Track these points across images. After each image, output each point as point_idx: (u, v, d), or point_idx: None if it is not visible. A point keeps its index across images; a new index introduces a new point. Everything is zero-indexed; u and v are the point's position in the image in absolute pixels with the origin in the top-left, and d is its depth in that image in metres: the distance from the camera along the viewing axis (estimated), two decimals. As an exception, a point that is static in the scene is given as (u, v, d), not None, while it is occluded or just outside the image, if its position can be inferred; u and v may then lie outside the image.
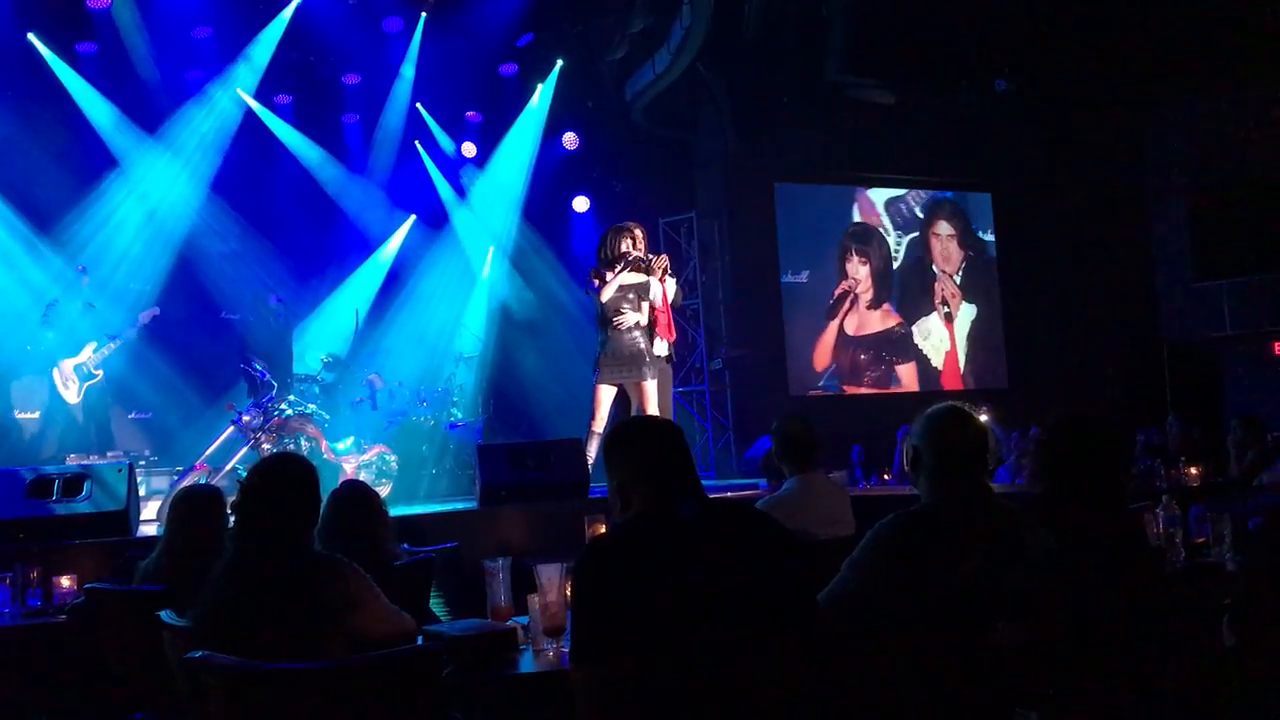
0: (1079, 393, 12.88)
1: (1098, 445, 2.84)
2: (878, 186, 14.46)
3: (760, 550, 2.36)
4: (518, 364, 12.31)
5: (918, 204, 14.74)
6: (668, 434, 2.56)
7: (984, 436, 2.81)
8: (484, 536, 5.90)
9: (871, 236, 14.31)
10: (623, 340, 7.17)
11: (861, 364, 14.03)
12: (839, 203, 14.29)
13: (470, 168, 12.61)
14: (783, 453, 4.60)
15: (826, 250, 14.08)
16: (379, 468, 8.79)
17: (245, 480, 3.03)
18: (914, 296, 14.52)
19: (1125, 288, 14.56)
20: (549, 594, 2.89)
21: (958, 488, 2.73)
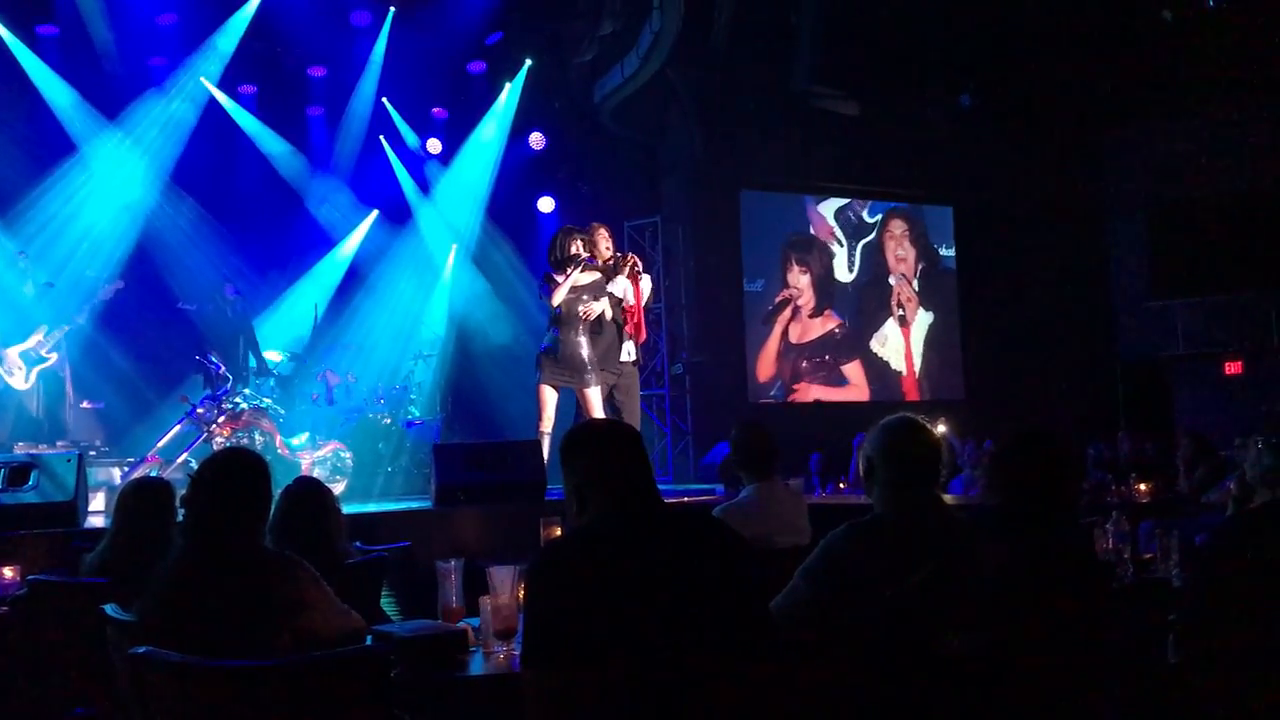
0: (1034, 406, 13.03)
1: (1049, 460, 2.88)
2: (840, 196, 14.56)
3: (715, 557, 2.35)
4: (478, 363, 12.26)
5: (864, 208, 14.82)
6: (626, 438, 2.55)
7: (938, 448, 2.83)
8: (438, 537, 5.86)
9: (812, 245, 14.39)
10: (567, 343, 7.14)
11: (804, 371, 14.12)
12: (792, 211, 14.38)
13: (435, 164, 12.55)
14: (740, 460, 4.60)
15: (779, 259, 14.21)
16: (334, 464, 8.71)
17: (196, 473, 2.99)
18: (871, 305, 14.61)
19: (1081, 304, 14.75)
20: (501, 596, 2.87)
21: (910, 498, 2.75)
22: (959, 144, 14.05)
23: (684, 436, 12.80)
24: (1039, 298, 14.38)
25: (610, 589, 2.22)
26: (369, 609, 3.68)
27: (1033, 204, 14.36)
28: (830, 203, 14.60)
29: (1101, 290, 15.15)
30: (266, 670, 2.48)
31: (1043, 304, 14.38)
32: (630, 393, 7.73)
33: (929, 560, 2.60)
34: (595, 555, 2.29)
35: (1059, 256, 14.51)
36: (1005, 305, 14.51)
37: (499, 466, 6.41)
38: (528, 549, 3.80)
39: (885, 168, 14.27)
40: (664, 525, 2.39)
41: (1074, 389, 14.08)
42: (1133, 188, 14.91)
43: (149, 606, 2.79)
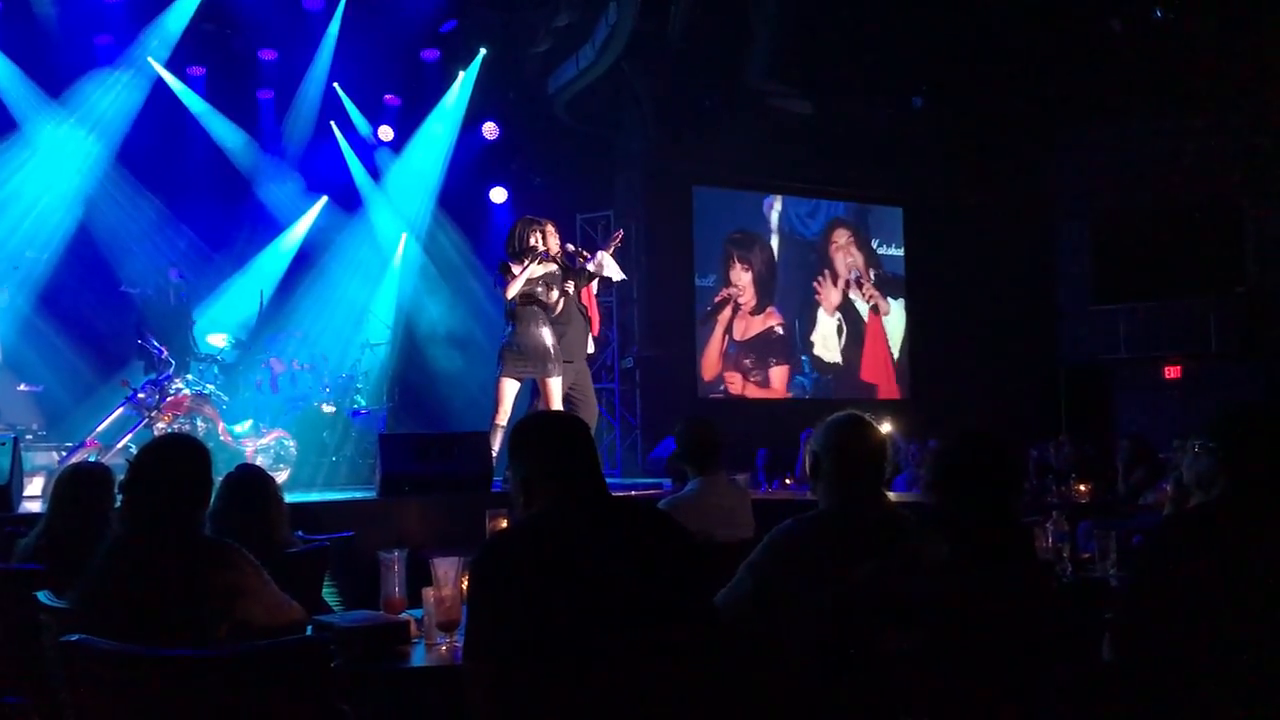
0: (978, 407, 13.19)
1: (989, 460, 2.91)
2: (793, 195, 14.64)
3: (659, 551, 2.35)
4: (426, 354, 12.19)
5: (806, 211, 14.91)
6: (574, 431, 2.54)
7: (883, 446, 2.86)
8: (382, 527, 5.82)
9: (754, 242, 14.46)
10: (530, 334, 7.11)
11: (747, 367, 14.20)
12: (737, 207, 14.43)
13: (386, 152, 12.44)
14: (686, 454, 4.62)
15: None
16: (277, 452, 8.63)
17: (135, 459, 2.94)
18: (801, 301, 14.70)
19: (1026, 308, 14.95)
20: (444, 587, 2.85)
21: (854, 495, 2.77)
22: (910, 145, 14.17)
23: (633, 430, 12.81)
24: (985, 300, 14.56)
25: (554, 582, 2.22)
26: (310, 599, 3.64)
27: (981, 207, 14.53)
28: (773, 198, 14.67)
29: (1046, 294, 15.37)
30: (203, 660, 2.44)
31: (988, 306, 14.55)
32: (588, 388, 7.74)
33: (871, 557, 2.62)
34: (540, 548, 2.28)
35: (1005, 260, 14.69)
36: (952, 306, 14.67)
37: (445, 458, 6.39)
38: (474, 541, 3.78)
39: (837, 167, 14.37)
40: (609, 518, 2.39)
41: (1017, 391, 14.27)
42: (1078, 194, 15.14)
43: (84, 594, 2.74)
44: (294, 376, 9.96)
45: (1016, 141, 14.50)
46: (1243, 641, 2.40)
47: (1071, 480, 7.78)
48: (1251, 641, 2.40)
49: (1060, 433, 10.78)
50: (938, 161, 14.34)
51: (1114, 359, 14.82)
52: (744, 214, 14.40)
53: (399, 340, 11.97)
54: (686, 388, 13.43)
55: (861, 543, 2.68)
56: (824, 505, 2.83)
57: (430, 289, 12.46)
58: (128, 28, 10.74)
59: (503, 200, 12.97)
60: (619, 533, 2.35)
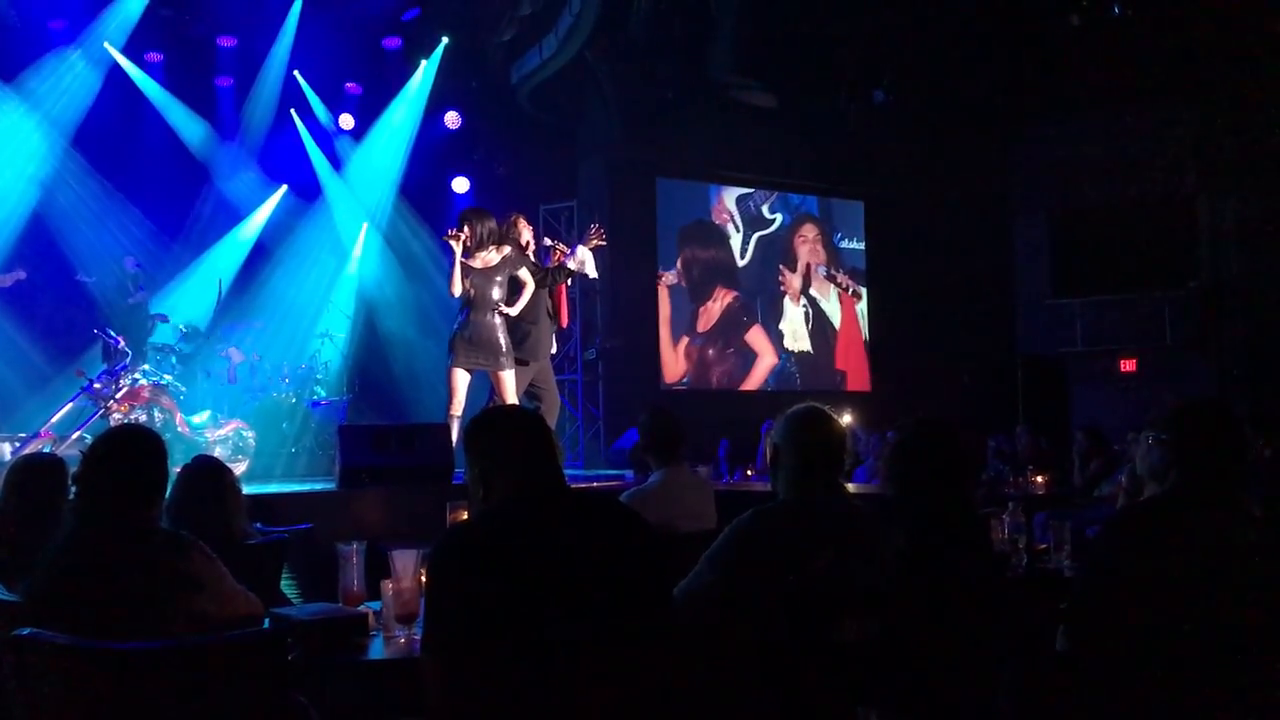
0: (937, 399, 13.28)
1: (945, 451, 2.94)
2: (755, 187, 14.68)
3: (619, 543, 2.36)
4: (387, 344, 12.12)
5: (765, 202, 14.96)
6: (530, 423, 2.54)
7: (842, 438, 2.87)
8: (341, 519, 5.80)
9: (706, 232, 14.46)
10: (482, 325, 7.08)
11: (710, 359, 14.24)
12: (695, 198, 14.45)
13: (347, 140, 12.34)
14: (648, 445, 4.62)
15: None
16: (235, 443, 8.56)
17: (89, 450, 2.90)
18: (761, 293, 14.75)
19: (985, 301, 15.07)
20: (403, 580, 2.84)
21: (813, 486, 2.79)
22: (872, 139, 14.24)
23: (596, 422, 12.80)
24: (944, 293, 14.65)
25: (512, 574, 2.21)
26: (268, 591, 3.62)
27: (941, 201, 14.62)
28: (732, 190, 14.71)
29: (1004, 288, 15.51)
30: (158, 652, 2.42)
31: (948, 299, 14.65)
32: (550, 381, 7.72)
33: (830, 547, 2.64)
34: (497, 540, 2.28)
35: (964, 254, 14.80)
36: (912, 299, 14.77)
37: (405, 449, 6.36)
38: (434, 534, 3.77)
39: (800, 160, 14.42)
40: (567, 510, 2.39)
41: (976, 383, 14.39)
42: (1035, 189, 15.28)
43: (35, 587, 2.70)
44: (253, 367, 9.88)
45: (975, 136, 14.60)
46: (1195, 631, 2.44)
47: (1028, 472, 7.86)
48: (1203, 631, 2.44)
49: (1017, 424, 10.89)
50: (898, 155, 14.40)
51: (1071, 352, 14.99)
52: (694, 204, 14.40)
53: (359, 331, 11.90)
54: (649, 378, 13.44)
55: (820, 533, 2.69)
56: (783, 496, 2.85)
57: (391, 279, 12.38)
58: (83, 12, 10.57)
59: (465, 190, 12.91)
60: (577, 525, 2.35)
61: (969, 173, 14.77)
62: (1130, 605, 2.49)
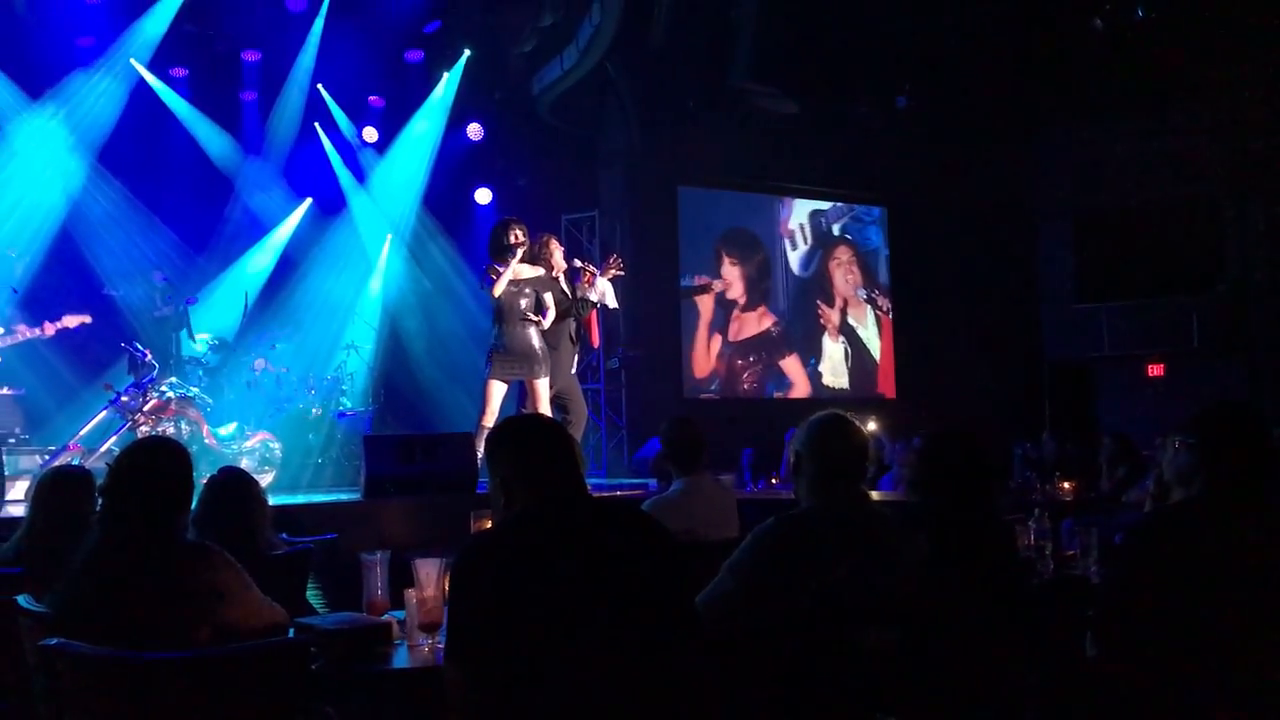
0: (962, 406, 13.20)
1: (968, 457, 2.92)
2: (776, 194, 14.65)
3: (640, 551, 2.36)
4: (411, 355, 12.16)
5: (838, 221, 14.99)
6: (552, 432, 2.55)
7: (864, 445, 2.86)
8: (366, 529, 5.82)
9: (747, 241, 14.45)
10: (516, 336, 7.14)
11: (740, 369, 14.21)
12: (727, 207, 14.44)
13: (370, 153, 12.41)
14: (670, 454, 4.62)
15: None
16: (262, 455, 8.62)
17: (115, 462, 2.92)
18: (804, 321, 14.73)
19: (1010, 306, 14.97)
20: (426, 589, 2.85)
21: (836, 493, 2.78)
22: (894, 145, 14.19)
23: (619, 431, 12.79)
24: (969, 298, 14.58)
25: (534, 583, 2.22)
26: (293, 601, 3.63)
27: (964, 206, 14.54)
28: (805, 203, 14.71)
29: (1029, 293, 15.40)
30: (183, 662, 2.44)
31: (972, 305, 14.58)
32: (576, 391, 7.78)
33: (852, 555, 2.63)
34: (520, 549, 2.28)
35: (989, 258, 14.72)
36: (936, 305, 14.70)
37: (430, 459, 6.41)
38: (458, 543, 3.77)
39: (821, 167, 14.38)
40: (588, 518, 2.40)
41: (1002, 389, 14.30)
42: (1060, 193, 15.16)
43: (63, 597, 2.72)
44: (279, 379, 9.93)
45: (999, 141, 14.53)
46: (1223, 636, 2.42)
47: (1055, 478, 7.80)
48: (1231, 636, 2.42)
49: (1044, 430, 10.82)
50: (921, 161, 14.35)
51: (1097, 357, 14.87)
52: (727, 213, 14.39)
53: (384, 342, 11.95)
54: (672, 388, 13.42)
55: (842, 541, 2.68)
56: (805, 504, 2.84)
57: (415, 290, 12.43)
58: (109, 28, 10.68)
59: (487, 201, 12.95)
60: (599, 533, 2.35)
61: (992, 177, 14.69)
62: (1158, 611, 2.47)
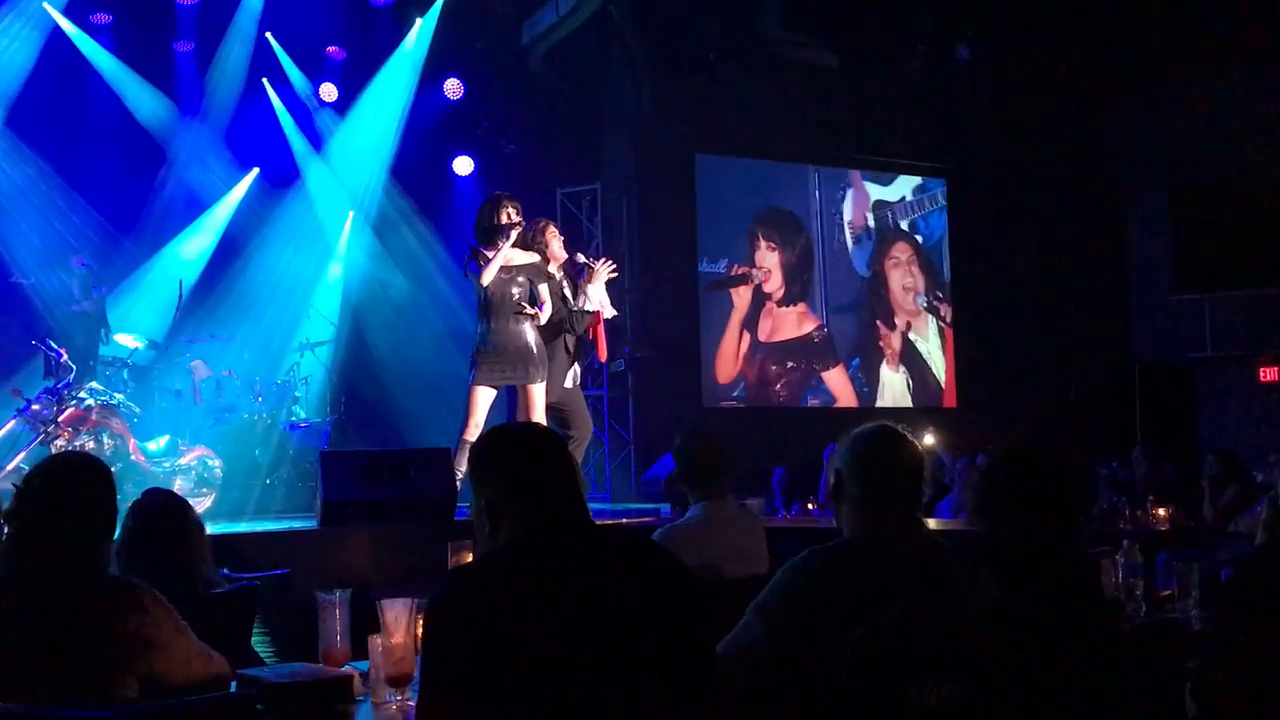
0: (1036, 417, 13.20)
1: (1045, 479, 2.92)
2: (813, 164, 14.64)
3: (652, 591, 2.36)
4: (377, 355, 12.19)
5: (906, 219, 15.06)
6: (547, 445, 2.55)
7: (919, 462, 2.85)
8: (323, 563, 5.85)
9: (787, 223, 14.46)
10: (507, 332, 7.14)
11: (773, 375, 14.17)
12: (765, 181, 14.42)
13: (329, 115, 12.45)
14: (686, 474, 4.61)
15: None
16: (200, 474, 8.63)
17: (24, 482, 2.93)
18: (863, 324, 14.77)
19: (1093, 298, 14.97)
20: (395, 635, 2.85)
21: (884, 521, 2.77)
22: (955, 106, 14.18)
23: (625, 446, 12.81)
24: (1044, 289, 14.56)
25: (525, 629, 2.21)
26: (236, 649, 3.64)
27: (1038, 179, 14.54)
28: (875, 188, 14.79)
29: (1116, 282, 15.40)
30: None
31: (1048, 296, 14.56)
32: (578, 399, 7.77)
33: (905, 594, 2.62)
34: (507, 586, 2.28)
35: (1068, 241, 14.71)
36: (1004, 297, 14.68)
37: (399, 479, 6.42)
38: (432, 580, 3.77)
39: (868, 131, 14.38)
40: (591, 550, 2.39)
41: (1083, 397, 14.29)
42: (1154, 162, 15.14)
43: (-39, 644, 2.73)
44: (220, 383, 9.96)
45: (1080, 100, 14.52)
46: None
47: (1148, 503, 7.79)
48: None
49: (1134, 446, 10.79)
50: (987, 124, 14.34)
51: (1198, 358, 14.86)
52: (765, 187, 14.38)
53: (345, 340, 11.97)
54: (690, 394, 13.43)
55: (893, 578, 2.67)
56: (848, 534, 2.83)
57: (382, 279, 12.45)
58: (18, -32, 10.73)
59: (468, 172, 12.98)
60: (602, 567, 2.35)
61: (1072, 144, 14.69)
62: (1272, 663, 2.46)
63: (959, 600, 2.68)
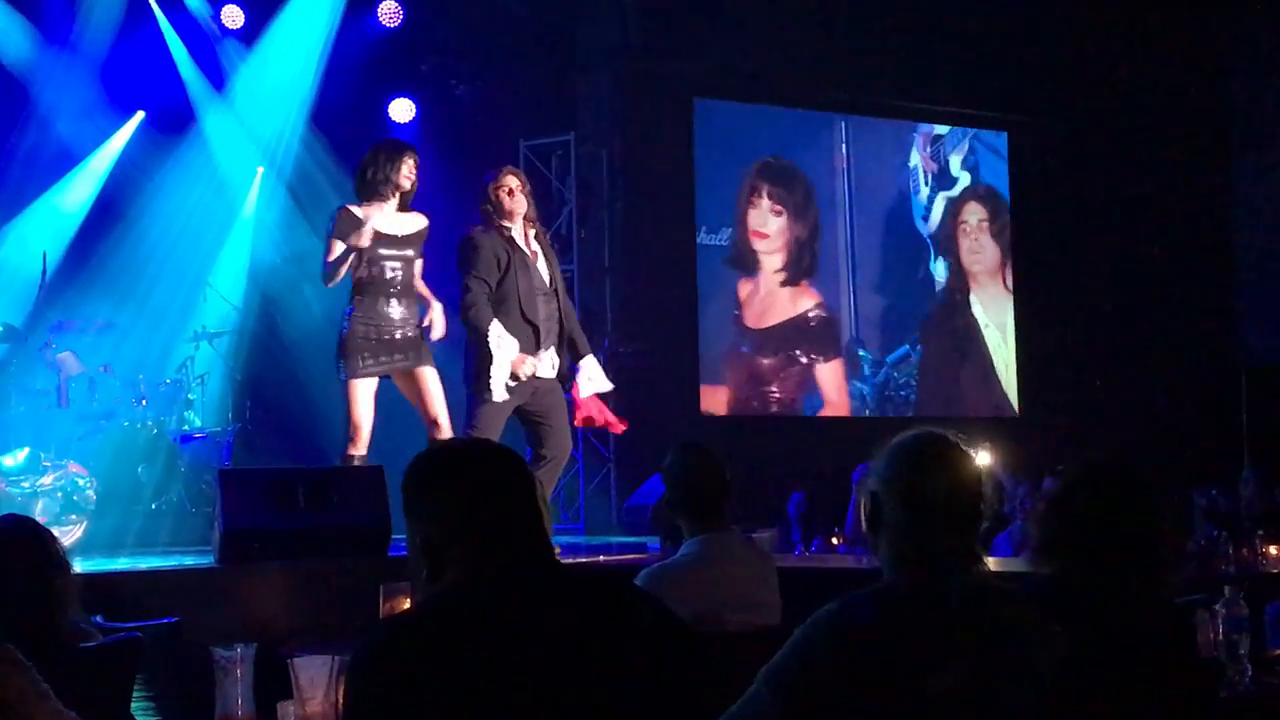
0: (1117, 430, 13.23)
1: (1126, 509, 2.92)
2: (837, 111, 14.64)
3: (631, 649, 2.37)
4: (292, 349, 12.14)
5: (957, 150, 15.15)
6: (501, 465, 2.55)
7: (976, 483, 2.83)
8: (222, 610, 5.84)
9: (794, 180, 14.47)
10: (379, 314, 7.33)
11: (765, 371, 14.18)
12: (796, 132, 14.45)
13: (233, 44, 12.43)
14: (679, 500, 4.63)
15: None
16: (67, 497, 8.62)
17: None
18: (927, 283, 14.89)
19: (1190, 284, 14.96)
20: (311, 700, 2.86)
21: (934, 559, 2.75)
22: (1021, 40, 14.19)
23: (604, 464, 12.81)
24: (1129, 272, 14.58)
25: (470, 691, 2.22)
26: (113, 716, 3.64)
27: (1124, 132, 14.56)
28: (927, 128, 15.01)
29: (1220, 264, 15.41)
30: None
31: (1134, 281, 14.59)
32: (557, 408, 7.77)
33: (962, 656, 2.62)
34: (451, 641, 2.28)
35: (1161, 212, 14.73)
36: (1080, 281, 14.70)
37: (319, 504, 6.42)
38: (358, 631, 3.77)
39: (909, 71, 14.35)
40: (556, 597, 2.40)
41: (1178, 406, 14.32)
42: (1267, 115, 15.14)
43: None
44: (93, 382, 9.93)
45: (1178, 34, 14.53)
46: None
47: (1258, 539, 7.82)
48: None
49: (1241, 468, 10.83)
50: (1061, 64, 14.35)
51: (1323, 358, 14.90)
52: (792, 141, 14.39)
53: (252, 329, 11.95)
54: (684, 399, 13.42)
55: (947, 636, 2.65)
56: (889, 576, 2.81)
57: (299, 252, 12.39)
58: None
59: (408, 119, 12.95)
60: (567, 619, 2.35)
61: (1167, 90, 14.69)
62: None
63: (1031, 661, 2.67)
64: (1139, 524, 3.04)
